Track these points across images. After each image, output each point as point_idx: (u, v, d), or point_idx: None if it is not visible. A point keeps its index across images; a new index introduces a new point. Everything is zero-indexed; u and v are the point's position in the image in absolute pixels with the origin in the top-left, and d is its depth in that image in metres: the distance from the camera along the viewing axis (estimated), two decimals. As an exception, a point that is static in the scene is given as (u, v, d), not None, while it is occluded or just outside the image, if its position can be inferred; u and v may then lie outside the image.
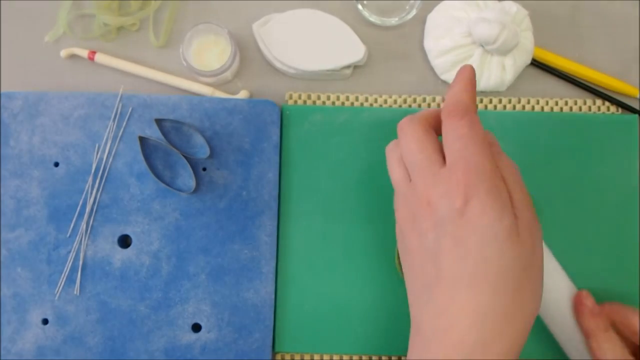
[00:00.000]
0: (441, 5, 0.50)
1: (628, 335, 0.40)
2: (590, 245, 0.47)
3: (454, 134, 0.34)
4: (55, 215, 0.46)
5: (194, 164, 0.46)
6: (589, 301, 0.40)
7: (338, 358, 0.46)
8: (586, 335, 0.40)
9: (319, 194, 0.47)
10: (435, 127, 0.37)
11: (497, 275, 0.32)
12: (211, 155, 0.47)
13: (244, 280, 0.46)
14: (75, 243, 0.46)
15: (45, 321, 0.45)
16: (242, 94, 0.49)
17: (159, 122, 0.46)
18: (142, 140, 0.46)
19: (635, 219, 0.47)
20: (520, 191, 0.35)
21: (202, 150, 0.47)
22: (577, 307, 0.41)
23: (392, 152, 0.38)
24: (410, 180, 0.36)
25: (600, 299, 0.46)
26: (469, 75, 0.36)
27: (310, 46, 0.48)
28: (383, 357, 0.46)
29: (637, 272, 0.46)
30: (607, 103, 0.50)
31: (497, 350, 0.32)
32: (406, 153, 0.36)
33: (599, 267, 0.46)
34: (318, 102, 0.50)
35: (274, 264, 0.46)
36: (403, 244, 0.37)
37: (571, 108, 0.50)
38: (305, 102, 0.50)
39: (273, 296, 0.46)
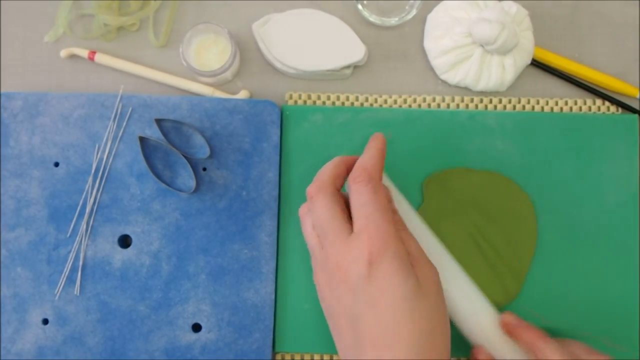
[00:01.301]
0: (441, 5, 0.50)
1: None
2: (590, 245, 0.47)
3: (360, 199, 0.37)
4: (55, 215, 0.46)
5: (194, 164, 0.46)
6: (513, 319, 0.41)
7: (338, 358, 0.46)
8: (528, 348, 0.41)
9: (319, 194, 0.47)
10: (341, 186, 0.40)
11: (412, 333, 0.34)
12: (211, 155, 0.47)
13: (244, 280, 0.46)
14: (75, 243, 0.46)
15: (45, 321, 0.45)
16: (242, 94, 0.49)
17: (159, 122, 0.46)
18: (142, 140, 0.46)
19: (635, 219, 0.47)
20: (413, 242, 0.38)
21: (202, 150, 0.47)
22: (507, 328, 0.41)
23: (305, 216, 0.40)
24: (323, 247, 0.37)
25: (601, 299, 0.46)
26: (379, 145, 0.40)
27: (310, 46, 0.48)
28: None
29: (637, 272, 0.46)
30: (607, 103, 0.50)
31: None
32: (317, 221, 0.38)
33: (598, 267, 0.46)
34: (318, 102, 0.50)
35: (274, 264, 0.46)
36: (325, 308, 0.38)
37: (571, 108, 0.50)
38: (305, 102, 0.50)
39: (273, 296, 0.46)
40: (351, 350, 0.36)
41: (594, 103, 0.50)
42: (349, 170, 0.40)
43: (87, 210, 0.46)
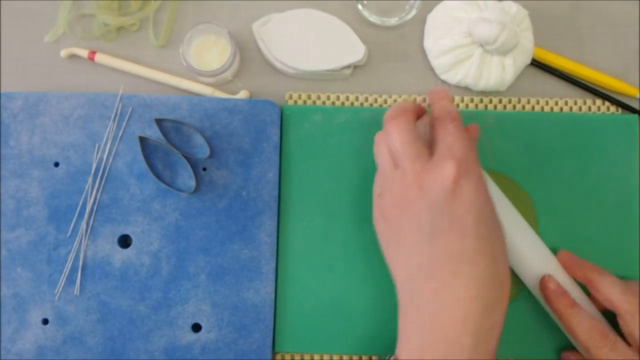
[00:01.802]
0: (441, 5, 0.50)
1: (598, 298, 0.43)
2: (590, 245, 0.47)
3: (445, 131, 0.38)
4: (55, 215, 0.46)
5: (194, 164, 0.46)
6: (552, 284, 0.42)
7: (338, 358, 0.46)
8: (556, 314, 0.42)
9: (319, 194, 0.47)
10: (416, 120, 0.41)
11: (492, 250, 0.36)
12: (211, 155, 0.47)
13: (244, 280, 0.46)
14: (75, 243, 0.46)
15: (45, 321, 0.45)
16: (242, 94, 0.49)
17: (159, 122, 0.46)
18: (142, 140, 0.46)
19: (635, 219, 0.47)
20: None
21: (202, 150, 0.47)
22: (543, 291, 0.42)
23: (381, 141, 0.40)
24: (399, 167, 0.38)
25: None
26: (448, 95, 0.41)
27: (310, 46, 0.48)
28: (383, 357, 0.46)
29: (637, 272, 0.46)
30: (607, 103, 0.50)
31: (497, 318, 0.35)
32: (396, 143, 0.38)
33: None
34: (318, 102, 0.50)
35: (274, 264, 0.46)
36: (389, 230, 0.39)
37: (571, 108, 0.50)
38: (305, 102, 0.50)
39: (273, 296, 0.46)
40: (422, 269, 0.36)
41: (594, 103, 0.50)
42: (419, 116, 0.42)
43: (87, 210, 0.46)
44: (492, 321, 0.35)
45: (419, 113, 0.42)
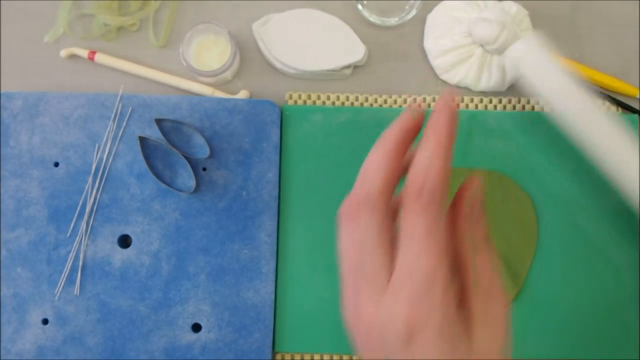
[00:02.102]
0: (441, 5, 0.50)
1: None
2: (590, 245, 0.47)
3: (410, 230, 0.27)
4: (55, 215, 0.46)
5: (194, 164, 0.46)
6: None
7: (338, 358, 0.46)
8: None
9: (319, 194, 0.47)
10: (396, 187, 0.30)
11: None
12: (211, 155, 0.47)
13: (244, 280, 0.46)
14: (75, 243, 0.46)
15: (45, 321, 0.45)
16: (242, 94, 0.49)
17: (159, 122, 0.46)
18: (142, 140, 0.46)
19: (635, 219, 0.47)
20: (492, 306, 0.29)
21: (202, 150, 0.47)
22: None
23: (345, 227, 0.31)
24: (358, 283, 0.30)
25: (600, 299, 0.46)
26: (443, 137, 0.27)
27: (310, 46, 0.48)
28: None
29: (637, 272, 0.46)
30: (607, 103, 0.50)
31: None
32: (360, 241, 0.29)
33: (598, 268, 0.46)
34: (318, 102, 0.50)
35: (274, 264, 0.46)
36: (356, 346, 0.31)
37: (571, 108, 0.50)
38: (305, 102, 0.50)
39: (273, 296, 0.46)
40: None
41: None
42: (406, 162, 0.30)
43: (87, 210, 0.46)
44: None
45: (406, 160, 0.30)
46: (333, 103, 0.50)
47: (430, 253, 0.27)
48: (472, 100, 0.50)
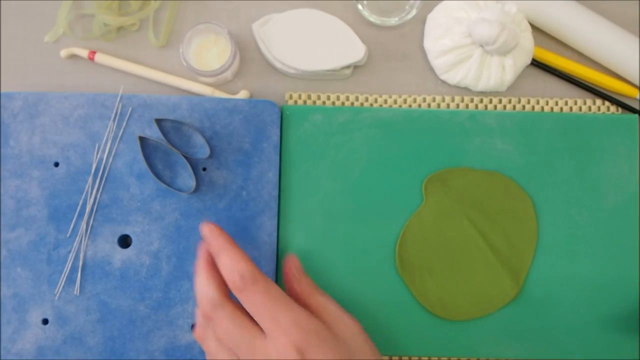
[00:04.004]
0: (441, 5, 0.50)
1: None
2: (590, 246, 0.47)
3: (256, 304, 0.36)
4: (55, 215, 0.46)
5: (194, 164, 0.46)
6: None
7: (338, 358, 0.46)
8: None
9: (319, 194, 0.47)
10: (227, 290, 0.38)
11: None
12: (211, 155, 0.47)
13: (244, 280, 0.46)
14: (75, 243, 0.46)
15: (45, 321, 0.45)
16: (242, 94, 0.49)
17: (159, 122, 0.46)
18: (142, 140, 0.46)
19: (635, 219, 0.47)
20: (326, 302, 0.39)
21: (202, 150, 0.47)
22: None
23: (207, 339, 0.38)
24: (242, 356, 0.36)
25: (600, 298, 0.46)
26: (227, 241, 0.38)
27: (310, 46, 0.48)
28: (383, 357, 0.46)
29: (637, 272, 0.46)
30: (607, 103, 0.50)
31: None
32: (226, 338, 0.36)
33: (598, 268, 0.46)
34: (318, 102, 0.50)
35: (274, 264, 0.46)
36: None
37: (571, 108, 0.50)
38: (305, 102, 0.50)
39: (273, 296, 0.46)
40: None
41: (594, 103, 0.50)
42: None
43: (87, 210, 0.46)
44: None
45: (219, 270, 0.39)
46: (333, 103, 0.50)
47: (278, 303, 0.35)
48: (472, 100, 0.50)
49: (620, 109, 0.50)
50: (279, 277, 0.46)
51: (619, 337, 0.46)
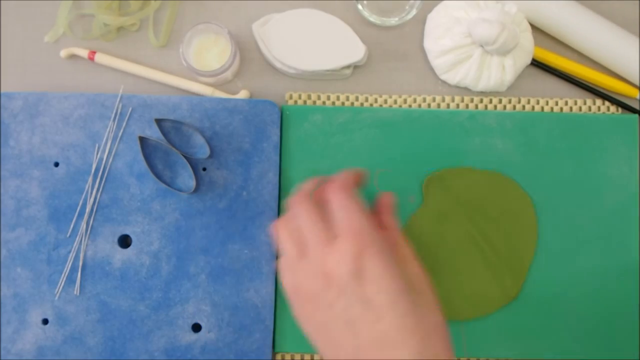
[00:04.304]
0: (441, 5, 0.50)
1: None
2: (590, 245, 0.47)
3: (337, 203, 0.37)
4: (55, 215, 0.46)
5: (194, 164, 0.46)
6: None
7: (338, 358, 0.46)
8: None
9: (319, 194, 0.47)
10: (321, 201, 0.39)
11: (416, 323, 0.33)
12: (211, 155, 0.47)
13: (244, 280, 0.46)
14: (75, 243, 0.46)
15: (45, 321, 0.45)
16: (242, 94, 0.49)
17: (159, 122, 0.46)
18: (142, 140, 0.46)
19: (635, 219, 0.47)
20: (403, 243, 0.39)
21: (202, 150, 0.47)
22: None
23: (283, 228, 0.39)
24: (304, 255, 0.37)
25: (600, 298, 0.46)
26: (351, 170, 0.41)
27: (310, 46, 0.48)
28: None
29: (637, 272, 0.46)
30: (607, 103, 0.50)
31: None
32: (301, 228, 0.37)
33: (599, 267, 0.46)
34: (318, 102, 0.50)
35: (274, 264, 0.46)
36: (312, 326, 0.36)
37: (571, 108, 0.50)
38: (305, 102, 0.50)
39: (273, 296, 0.46)
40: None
41: (594, 103, 0.50)
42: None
43: (87, 210, 0.46)
44: None
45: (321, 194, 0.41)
46: (333, 103, 0.50)
47: (356, 209, 0.37)
48: (472, 100, 0.50)
49: (620, 109, 0.50)
50: (279, 276, 0.46)
51: (619, 337, 0.46)
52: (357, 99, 0.50)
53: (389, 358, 0.32)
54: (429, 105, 0.50)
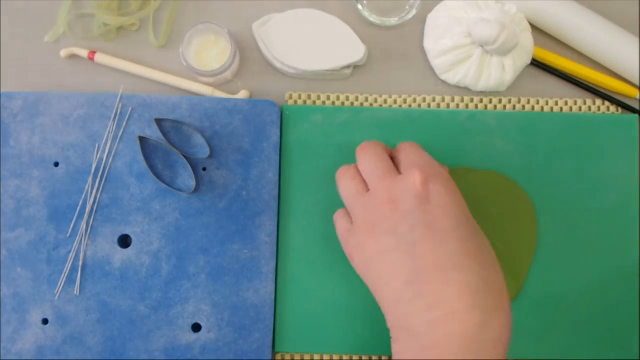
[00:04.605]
0: (441, 5, 0.50)
1: None
2: (590, 245, 0.47)
3: (407, 151, 0.39)
4: (55, 215, 0.46)
5: (194, 164, 0.46)
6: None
7: (338, 358, 0.46)
8: None
9: (319, 194, 0.47)
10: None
11: (480, 252, 0.34)
12: (211, 155, 0.47)
13: (244, 280, 0.46)
14: (75, 243, 0.46)
15: (45, 321, 0.45)
16: (242, 94, 0.49)
17: (159, 122, 0.46)
18: (142, 140, 0.46)
19: (635, 219, 0.47)
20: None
21: (202, 150, 0.47)
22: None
23: (345, 172, 0.41)
24: (367, 190, 0.38)
25: (600, 298, 0.46)
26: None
27: (310, 46, 0.48)
28: (383, 357, 0.46)
29: (637, 272, 0.46)
30: (607, 103, 0.50)
31: (498, 332, 0.32)
32: (367, 165, 0.39)
33: (599, 267, 0.46)
34: (318, 102, 0.50)
35: (274, 264, 0.46)
36: (366, 256, 0.37)
37: (571, 108, 0.50)
38: (305, 102, 0.50)
39: (273, 296, 0.46)
40: (408, 286, 0.34)
41: (594, 103, 0.50)
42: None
43: (87, 210, 0.46)
44: (493, 335, 0.32)
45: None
46: (333, 103, 0.50)
47: (423, 153, 0.39)
48: (472, 100, 0.50)
49: (620, 109, 0.50)
50: (278, 277, 0.46)
51: (619, 337, 0.46)
52: (357, 99, 0.50)
53: (450, 280, 0.33)
54: (429, 105, 0.50)
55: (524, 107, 0.50)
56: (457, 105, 0.50)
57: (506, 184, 0.47)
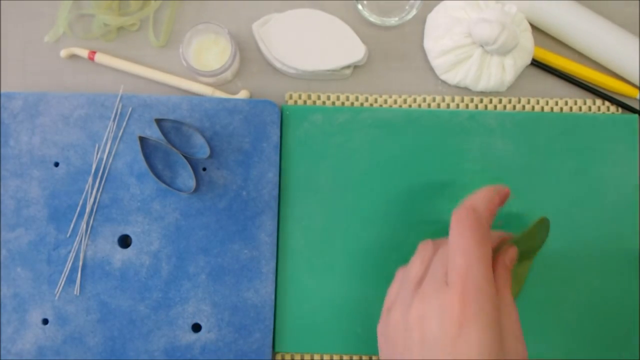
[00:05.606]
0: (441, 5, 0.50)
1: None
2: (590, 245, 0.47)
3: (460, 241, 0.33)
4: (55, 215, 0.46)
5: (194, 164, 0.46)
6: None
7: (338, 358, 0.46)
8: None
9: (319, 194, 0.47)
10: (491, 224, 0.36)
11: None
12: (211, 155, 0.47)
13: (244, 280, 0.46)
14: (75, 243, 0.46)
15: (45, 321, 0.45)
16: (242, 94, 0.49)
17: (159, 122, 0.46)
18: (142, 140, 0.46)
19: (635, 219, 0.47)
20: (511, 310, 0.34)
21: (202, 150, 0.47)
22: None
23: (424, 250, 0.37)
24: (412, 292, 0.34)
25: (600, 298, 0.46)
26: (491, 187, 0.36)
27: (310, 46, 0.48)
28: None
29: (637, 272, 0.46)
30: (607, 103, 0.50)
31: None
32: (427, 261, 0.35)
33: (599, 268, 0.46)
34: (318, 102, 0.50)
35: (274, 264, 0.46)
36: (389, 355, 0.35)
37: (571, 108, 0.50)
38: (305, 102, 0.50)
39: (273, 296, 0.46)
40: None
41: (594, 103, 0.50)
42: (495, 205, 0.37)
43: (87, 210, 0.46)
44: None
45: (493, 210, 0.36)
46: (333, 103, 0.50)
47: (481, 257, 0.32)
48: (472, 100, 0.50)
49: (620, 109, 0.50)
50: (278, 277, 0.46)
51: (619, 337, 0.46)
52: (357, 99, 0.50)
53: None
54: (429, 105, 0.50)
55: (524, 107, 0.50)
56: (457, 106, 0.50)
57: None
